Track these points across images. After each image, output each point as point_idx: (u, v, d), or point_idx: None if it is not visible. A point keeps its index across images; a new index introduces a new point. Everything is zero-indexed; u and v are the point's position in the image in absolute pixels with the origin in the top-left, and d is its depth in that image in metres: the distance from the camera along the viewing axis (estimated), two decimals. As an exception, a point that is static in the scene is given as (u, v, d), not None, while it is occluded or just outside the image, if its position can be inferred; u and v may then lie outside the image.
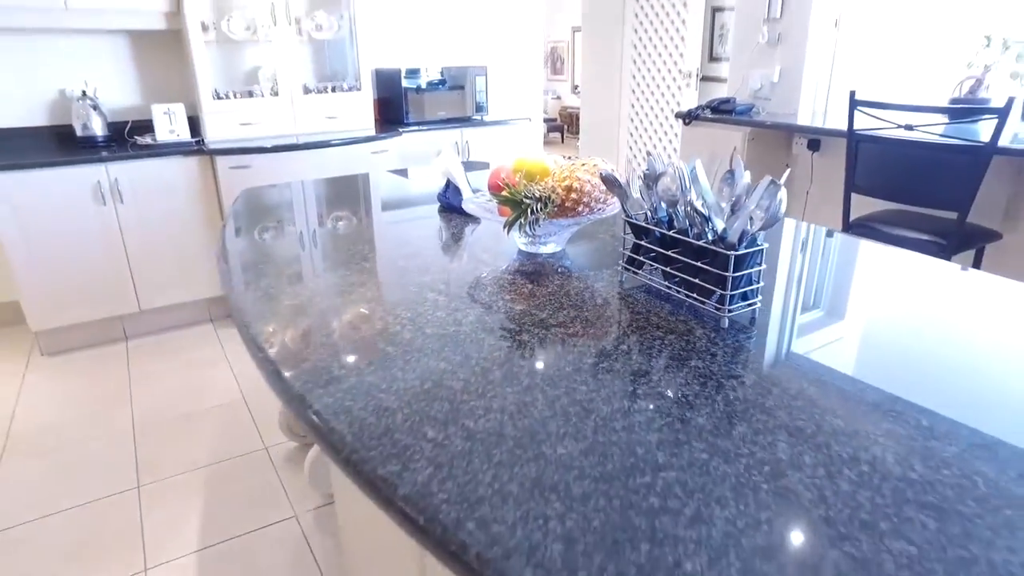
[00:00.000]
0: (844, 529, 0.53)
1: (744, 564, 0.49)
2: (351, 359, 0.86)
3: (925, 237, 2.10)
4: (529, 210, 1.16)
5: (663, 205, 1.03)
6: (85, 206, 2.88)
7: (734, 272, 0.91)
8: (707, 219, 0.95)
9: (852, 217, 2.34)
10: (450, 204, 1.68)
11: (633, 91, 5.09)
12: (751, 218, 0.90)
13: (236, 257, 1.35)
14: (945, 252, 2.04)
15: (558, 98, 11.18)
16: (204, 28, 3.15)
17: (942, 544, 0.51)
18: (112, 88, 3.29)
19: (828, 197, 2.80)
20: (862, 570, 0.48)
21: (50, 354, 2.99)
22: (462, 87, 3.91)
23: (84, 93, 3.15)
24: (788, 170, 1.04)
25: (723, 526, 0.53)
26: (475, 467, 0.62)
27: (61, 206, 2.83)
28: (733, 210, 0.94)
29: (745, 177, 0.95)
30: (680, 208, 1.00)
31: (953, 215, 2.03)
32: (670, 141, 4.86)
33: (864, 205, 2.42)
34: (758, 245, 0.94)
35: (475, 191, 1.54)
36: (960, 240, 2.06)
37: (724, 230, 0.93)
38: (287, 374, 0.83)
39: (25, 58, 3.09)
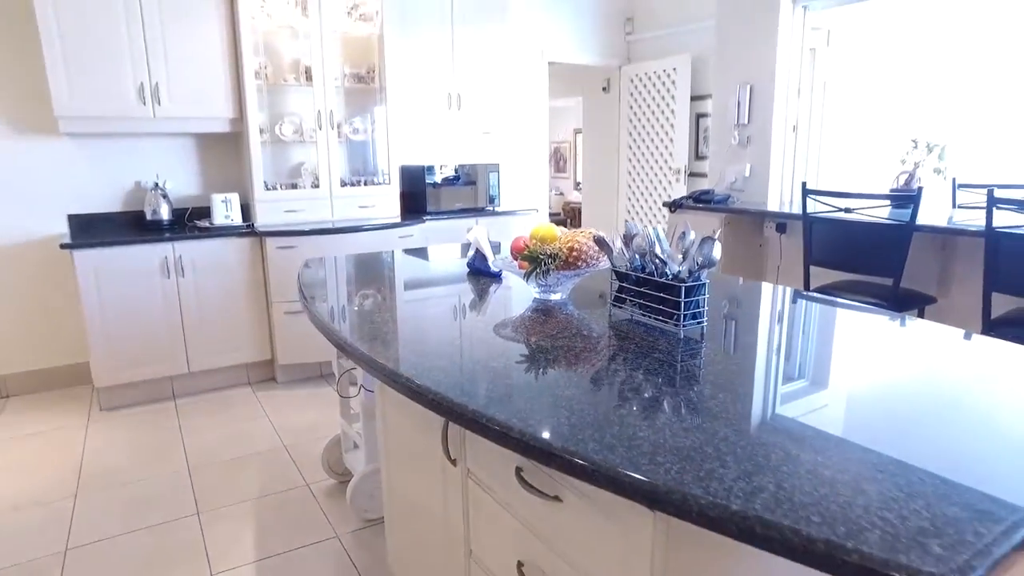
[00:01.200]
0: (726, 427, 0.90)
1: (667, 436, 0.87)
2: (429, 347, 1.25)
3: (870, 300, 2.50)
4: (542, 263, 1.58)
5: (637, 257, 1.45)
6: (152, 278, 3.33)
7: (685, 298, 1.32)
8: (665, 264, 1.36)
9: (812, 286, 2.75)
10: (477, 268, 2.11)
11: (629, 186, 5.67)
12: (695, 262, 1.32)
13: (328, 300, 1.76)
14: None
15: (561, 194, 11.92)
16: (261, 131, 3.72)
17: (749, 447, 0.88)
18: (178, 179, 3.83)
19: (794, 271, 3.23)
20: (713, 443, 0.86)
21: (108, 409, 3.34)
22: (474, 182, 4.46)
23: (156, 184, 3.68)
24: (719, 231, 1.46)
25: (661, 422, 0.91)
26: (517, 400, 1.00)
27: (133, 278, 3.28)
28: (684, 257, 1.36)
29: (691, 235, 1.38)
30: (648, 258, 1.41)
31: (890, 281, 2.44)
32: (662, 227, 5.37)
33: (826, 276, 2.84)
34: (701, 281, 1.34)
35: (499, 259, 1.97)
36: (899, 303, 2.46)
37: (678, 271, 1.35)
38: (399, 369, 1.22)
39: (112, 157, 3.65)
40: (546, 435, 0.87)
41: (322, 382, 3.71)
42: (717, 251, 1.32)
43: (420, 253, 2.58)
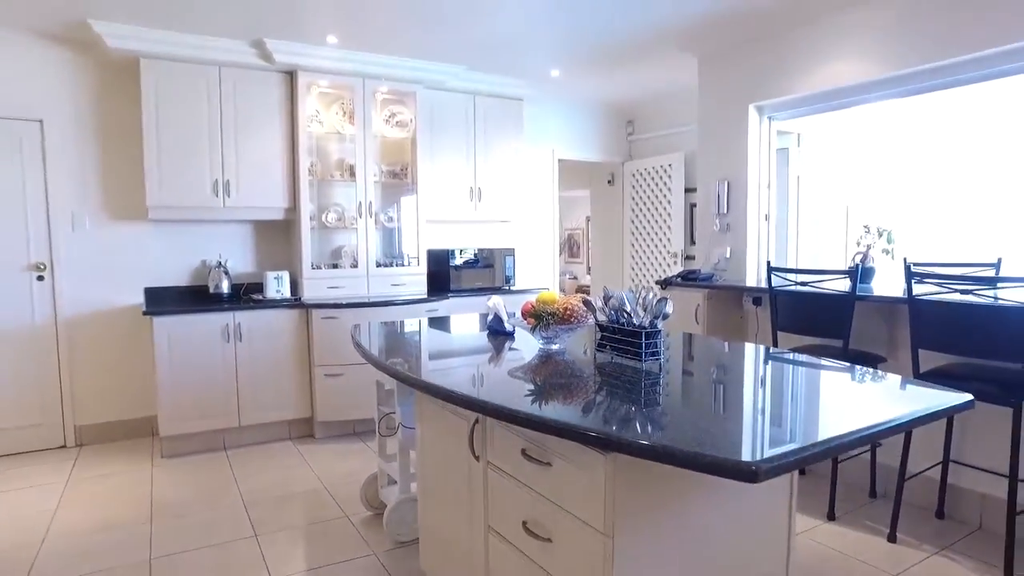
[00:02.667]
0: (655, 410, 1.39)
1: (618, 415, 1.35)
2: (458, 379, 1.75)
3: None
4: (544, 319, 2.09)
5: (613, 313, 1.96)
6: (215, 342, 3.87)
7: (645, 341, 1.81)
8: (631, 317, 1.87)
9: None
10: (495, 329, 2.62)
11: (632, 268, 6.23)
12: (653, 314, 1.83)
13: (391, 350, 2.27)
14: (842, 372, 2.88)
15: (575, 278, 12.53)
16: (310, 219, 4.36)
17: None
18: (237, 259, 4.45)
19: (769, 338, 3.67)
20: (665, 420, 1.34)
21: (169, 456, 3.80)
22: (492, 265, 5.05)
23: (218, 263, 4.31)
24: (667, 290, 1.98)
25: (627, 407, 1.39)
26: (522, 403, 1.49)
27: (199, 341, 3.82)
28: (645, 311, 1.87)
29: (651, 294, 1.89)
30: (620, 314, 1.92)
31: (840, 343, 2.91)
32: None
33: (794, 340, 3.30)
34: (657, 328, 1.84)
35: (512, 318, 2.49)
36: (850, 362, 2.91)
37: (640, 322, 1.85)
38: (443, 384, 1.72)
39: (184, 239, 4.29)
40: (542, 414, 1.35)
41: (355, 439, 4.15)
42: (669, 307, 1.83)
43: (445, 321, 3.11)
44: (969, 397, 1.47)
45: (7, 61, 3.77)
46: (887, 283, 3.39)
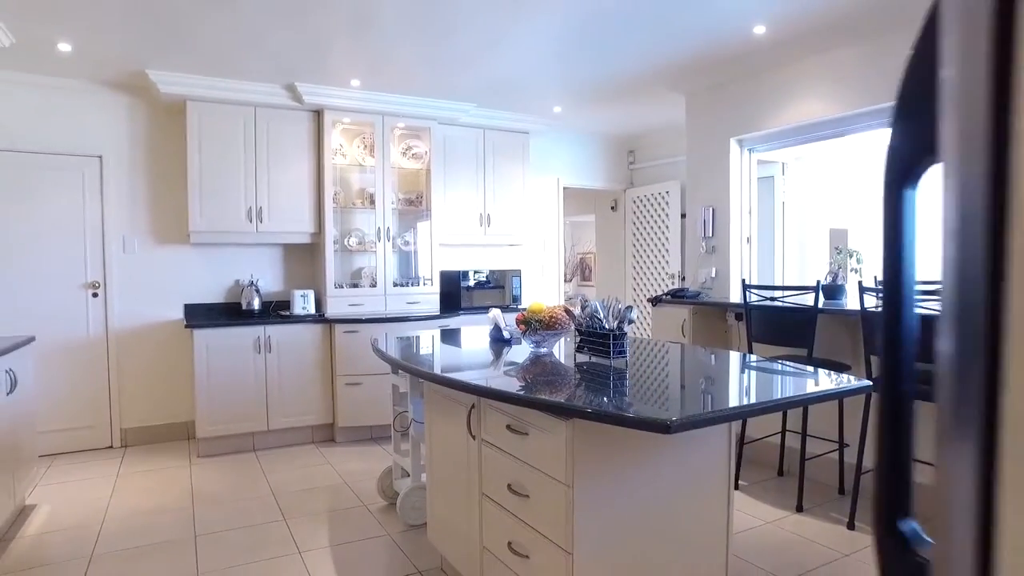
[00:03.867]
0: (619, 393, 1.76)
1: (585, 398, 1.73)
2: (462, 374, 2.14)
3: (794, 368, 3.29)
4: (533, 325, 2.48)
5: (589, 319, 2.34)
6: (247, 353, 4.30)
7: (613, 342, 2.19)
8: (602, 322, 2.25)
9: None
10: (495, 337, 3.01)
11: (634, 289, 6.60)
12: (619, 320, 2.21)
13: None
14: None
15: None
16: (334, 243, 4.81)
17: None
18: (267, 278, 4.90)
19: (745, 350, 4.02)
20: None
21: (204, 456, 4.21)
22: (501, 285, 5.45)
23: (251, 282, 4.75)
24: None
25: (589, 390, 1.77)
26: (512, 388, 1.88)
27: (233, 352, 4.25)
28: (612, 318, 2.25)
29: (620, 302, 2.27)
30: (594, 320, 2.30)
31: (805, 352, 3.25)
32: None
33: (767, 351, 3.64)
34: (623, 331, 2.22)
35: (508, 327, 2.88)
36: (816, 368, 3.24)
37: (609, 326, 2.23)
38: (438, 371, 2.11)
39: (220, 260, 4.75)
40: (522, 393, 1.74)
41: (372, 443, 4.54)
42: (634, 314, 2.21)
43: (455, 332, 3.51)
44: (868, 383, 1.82)
45: (75, 106, 4.29)
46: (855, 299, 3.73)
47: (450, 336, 3.35)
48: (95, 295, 4.39)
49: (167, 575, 2.60)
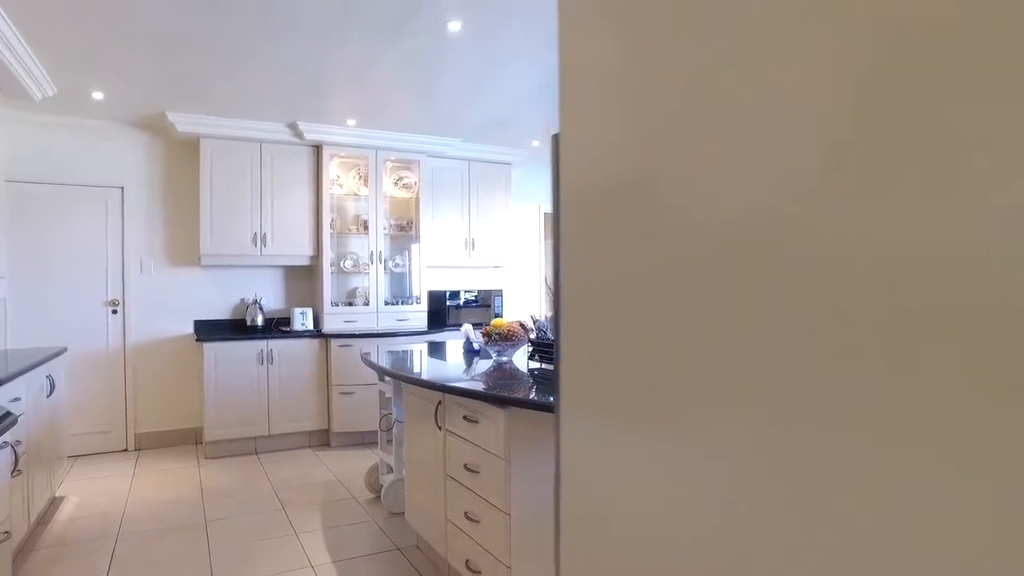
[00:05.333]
0: (544, 391, 2.24)
1: (523, 389, 2.21)
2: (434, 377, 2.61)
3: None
4: (493, 337, 2.96)
5: (540, 332, 2.82)
6: (251, 365, 4.77)
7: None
8: (545, 332, 2.73)
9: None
10: (468, 349, 3.49)
11: (611, 307, 7.07)
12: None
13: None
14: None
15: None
16: (331, 265, 5.30)
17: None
18: (269, 297, 5.38)
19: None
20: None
21: (211, 458, 4.66)
22: (488, 304, 5.93)
23: (255, 300, 5.23)
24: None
25: (537, 387, 2.25)
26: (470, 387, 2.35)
27: (239, 364, 4.72)
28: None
29: (563, 320, 2.76)
30: (543, 332, 2.78)
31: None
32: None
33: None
34: (566, 342, 2.70)
35: (477, 340, 3.37)
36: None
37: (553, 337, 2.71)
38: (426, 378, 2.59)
39: (227, 280, 5.24)
40: (473, 388, 2.21)
41: (364, 447, 4.98)
42: (573, 327, 2.69)
43: (437, 346, 3.98)
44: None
45: (102, 143, 4.81)
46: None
47: (434, 349, 3.82)
48: (115, 312, 4.86)
49: (184, 551, 3.05)
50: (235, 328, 5.20)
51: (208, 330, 5.09)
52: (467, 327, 3.51)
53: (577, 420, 0.82)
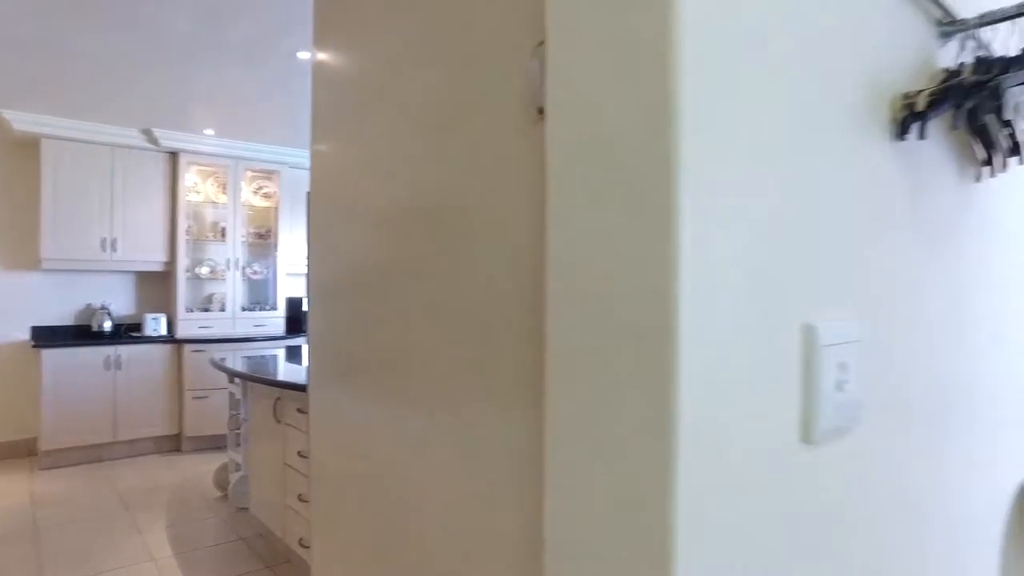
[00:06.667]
0: (369, 378, 2.61)
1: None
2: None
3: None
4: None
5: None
6: (97, 372, 4.71)
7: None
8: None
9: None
10: (314, 350, 3.76)
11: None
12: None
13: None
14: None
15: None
16: (186, 271, 5.32)
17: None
18: (119, 303, 5.30)
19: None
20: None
21: (46, 468, 4.54)
22: (347, 308, 6.15)
23: (102, 305, 5.14)
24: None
25: (345, 379, 2.60)
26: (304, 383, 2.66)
27: (82, 370, 4.65)
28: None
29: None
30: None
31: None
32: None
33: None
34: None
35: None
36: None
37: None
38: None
39: (70, 285, 5.11)
40: (295, 381, 2.52)
41: (216, 451, 5.05)
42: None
43: (297, 351, 4.21)
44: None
45: (-77, 138, 4.56)
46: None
47: (291, 353, 4.05)
48: (-61, 317, 4.61)
49: (7, 559, 3.07)
50: (80, 334, 5.08)
51: (47, 336, 4.94)
52: (316, 331, 3.78)
53: (318, 389, 1.19)
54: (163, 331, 5.20)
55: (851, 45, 0.74)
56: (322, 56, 1.14)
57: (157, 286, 5.49)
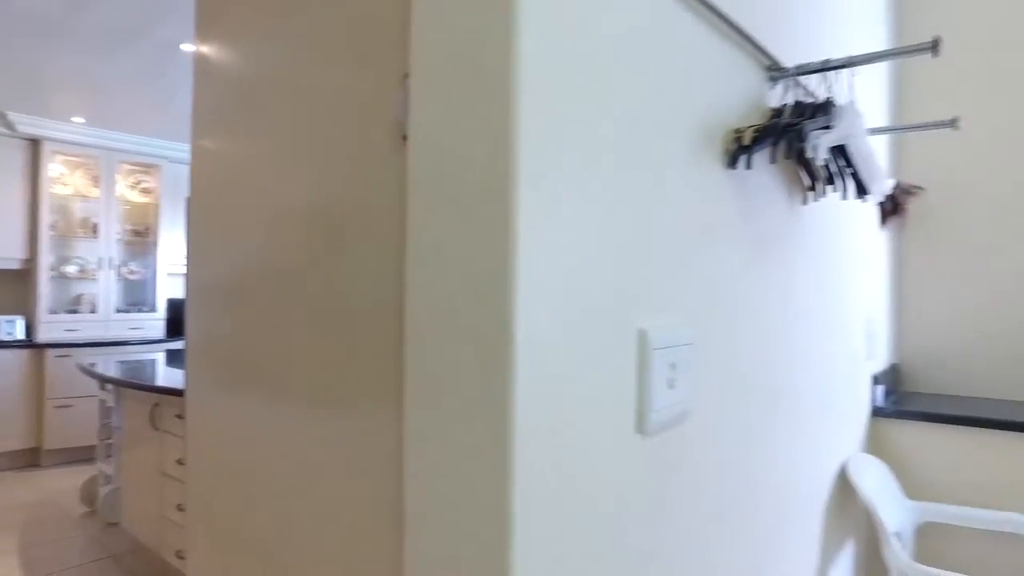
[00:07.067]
0: (255, 383, 2.54)
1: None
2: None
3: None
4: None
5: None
6: (-62, 380, 4.23)
7: (276, 354, 2.96)
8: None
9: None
10: (196, 355, 3.59)
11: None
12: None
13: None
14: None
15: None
16: (50, 269, 4.89)
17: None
18: (-33, 305, 4.78)
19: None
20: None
21: None
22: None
23: (-54, 308, 4.62)
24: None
25: (228, 384, 2.52)
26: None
27: (-79, 379, 4.16)
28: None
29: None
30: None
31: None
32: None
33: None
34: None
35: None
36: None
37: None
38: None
39: (-93, 284, 4.55)
40: (173, 386, 2.41)
41: (84, 464, 4.67)
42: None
43: (179, 354, 3.98)
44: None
45: None
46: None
47: (172, 357, 3.83)
48: None
49: None
50: (-84, 339, 4.54)
51: None
52: (198, 335, 3.60)
53: (196, 391, 1.18)
54: (20, 335, 4.75)
55: (693, 83, 0.86)
56: (204, 51, 1.13)
57: (15, 285, 5.00)
